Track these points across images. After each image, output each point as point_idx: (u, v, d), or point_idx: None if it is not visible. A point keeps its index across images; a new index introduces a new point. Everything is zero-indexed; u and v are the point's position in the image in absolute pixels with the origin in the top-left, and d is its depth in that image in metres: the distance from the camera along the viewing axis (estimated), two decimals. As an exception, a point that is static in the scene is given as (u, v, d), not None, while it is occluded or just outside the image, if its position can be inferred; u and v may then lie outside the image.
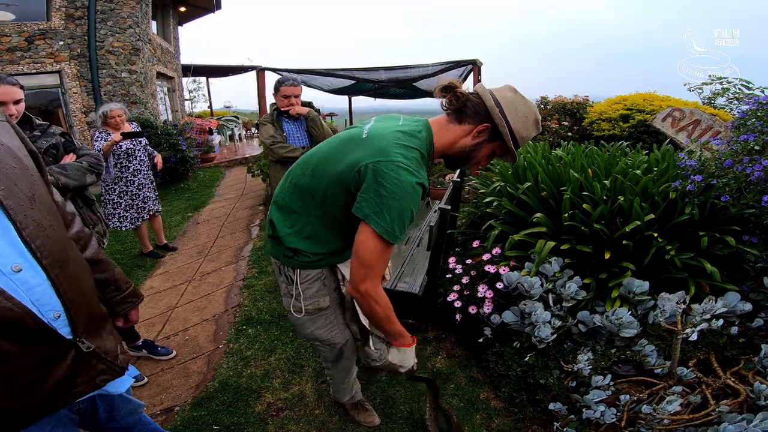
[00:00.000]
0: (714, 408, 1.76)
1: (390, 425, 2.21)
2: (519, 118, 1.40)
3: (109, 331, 1.19)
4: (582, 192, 2.65)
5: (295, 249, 1.58)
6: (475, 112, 1.42)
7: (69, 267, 1.02)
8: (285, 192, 1.60)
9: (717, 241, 2.36)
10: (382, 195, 1.27)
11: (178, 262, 4.49)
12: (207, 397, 2.41)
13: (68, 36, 7.62)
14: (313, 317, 1.75)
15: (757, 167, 2.18)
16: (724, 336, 2.15)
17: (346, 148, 1.41)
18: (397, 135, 1.36)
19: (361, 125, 1.51)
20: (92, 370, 1.07)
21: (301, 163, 1.58)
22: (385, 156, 1.28)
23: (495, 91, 1.43)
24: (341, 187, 1.38)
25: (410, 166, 1.30)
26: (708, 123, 4.59)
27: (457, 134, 1.46)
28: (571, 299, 2.28)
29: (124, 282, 1.41)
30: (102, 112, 3.85)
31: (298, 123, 3.39)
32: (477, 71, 6.27)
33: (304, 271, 1.64)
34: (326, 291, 1.72)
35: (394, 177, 1.26)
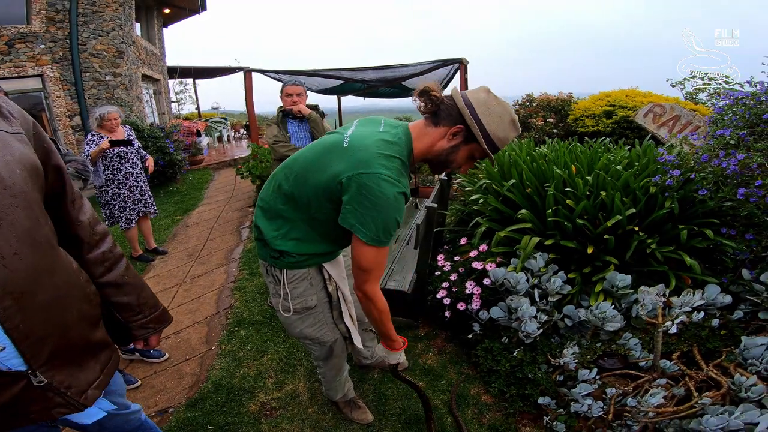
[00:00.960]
0: (697, 400, 1.81)
1: (383, 422, 2.24)
2: (492, 118, 1.41)
3: (97, 362, 1.14)
4: (565, 188, 2.71)
5: (281, 251, 1.62)
6: (448, 113, 1.44)
7: (36, 297, 0.94)
8: (270, 196, 1.62)
9: (696, 234, 2.43)
10: (365, 206, 1.32)
11: (168, 265, 4.48)
12: (201, 398, 2.42)
13: (49, 39, 7.53)
14: (301, 316, 1.78)
15: (732, 161, 2.24)
16: (706, 328, 2.22)
17: (327, 157, 1.43)
18: (379, 144, 1.39)
19: (342, 131, 1.54)
20: (48, 401, 1.02)
21: (284, 166, 1.61)
22: (367, 168, 1.32)
23: (468, 93, 1.45)
24: (325, 195, 1.42)
25: (392, 177, 1.33)
26: (688, 118, 4.69)
27: (434, 137, 1.48)
28: (556, 294, 2.34)
29: (150, 307, 1.34)
30: (98, 114, 3.86)
31: (302, 124, 3.47)
32: (464, 69, 6.34)
33: (291, 271, 1.68)
34: (313, 290, 1.75)
35: (376, 189, 1.30)
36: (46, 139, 1.08)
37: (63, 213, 1.13)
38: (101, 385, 1.14)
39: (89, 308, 1.11)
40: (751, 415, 1.59)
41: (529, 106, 6.91)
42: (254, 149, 6.84)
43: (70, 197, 1.13)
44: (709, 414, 1.65)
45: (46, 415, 1.04)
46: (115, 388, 1.35)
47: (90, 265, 1.18)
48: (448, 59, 6.47)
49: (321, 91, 9.81)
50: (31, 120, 1.06)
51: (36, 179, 0.98)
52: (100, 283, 1.21)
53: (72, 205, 1.14)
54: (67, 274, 1.05)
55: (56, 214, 1.11)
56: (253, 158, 6.64)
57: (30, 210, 0.93)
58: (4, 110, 0.98)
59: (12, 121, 0.99)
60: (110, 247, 1.25)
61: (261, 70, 6.99)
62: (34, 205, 0.96)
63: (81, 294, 1.09)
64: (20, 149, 0.95)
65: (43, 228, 0.98)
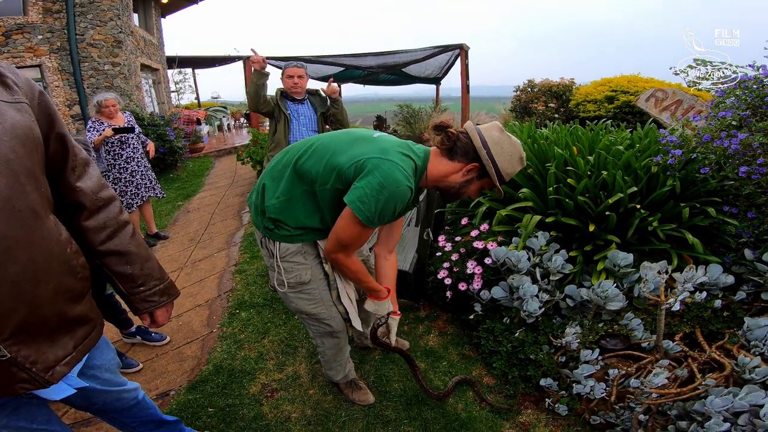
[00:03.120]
0: (701, 382, 1.80)
1: (384, 403, 2.24)
2: (505, 157, 1.52)
3: (71, 338, 1.11)
4: (566, 167, 2.69)
5: (276, 220, 1.64)
6: (464, 151, 1.54)
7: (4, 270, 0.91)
8: (279, 167, 1.65)
9: (698, 213, 2.42)
10: (373, 186, 1.39)
11: (169, 250, 4.49)
12: (202, 381, 2.43)
13: (47, 30, 7.50)
14: (296, 291, 1.80)
15: (734, 141, 2.23)
16: (708, 309, 2.21)
17: (354, 144, 1.52)
18: (403, 145, 1.53)
19: (372, 131, 1.64)
20: (10, 376, 1.00)
21: (303, 144, 1.64)
22: (385, 155, 1.42)
23: (483, 131, 1.54)
24: (336, 174, 1.48)
25: (405, 170, 1.43)
26: (690, 102, 4.67)
27: (448, 170, 1.58)
28: (558, 273, 2.33)
29: (153, 278, 1.31)
30: (96, 101, 3.90)
31: (304, 105, 3.46)
32: (464, 55, 6.29)
33: (284, 244, 1.70)
34: (307, 265, 1.76)
35: (388, 173, 1.39)
36: (51, 108, 1.06)
37: (62, 180, 1.12)
38: (71, 362, 1.10)
39: (72, 282, 1.08)
40: (756, 396, 1.58)
41: (531, 92, 6.88)
42: (255, 134, 6.82)
43: (71, 164, 1.12)
44: (714, 395, 1.64)
45: (9, 389, 1.01)
46: (101, 363, 1.33)
47: (90, 232, 1.17)
48: (448, 45, 6.42)
49: (321, 78, 9.76)
50: (37, 89, 1.05)
51: (30, 147, 0.96)
52: (101, 251, 1.19)
53: (72, 172, 1.12)
54: (49, 245, 1.01)
55: (56, 182, 1.10)
56: (253, 144, 6.62)
57: (13, 178, 0.91)
58: (9, 81, 0.97)
59: (14, 90, 0.97)
60: (115, 213, 1.22)
61: (261, 57, 6.94)
62: (21, 174, 0.93)
63: (63, 267, 1.05)
64: (14, 118, 0.94)
65: (28, 196, 0.95)
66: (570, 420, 2.09)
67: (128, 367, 2.53)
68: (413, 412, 2.18)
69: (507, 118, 7.66)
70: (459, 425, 2.10)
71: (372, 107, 15.63)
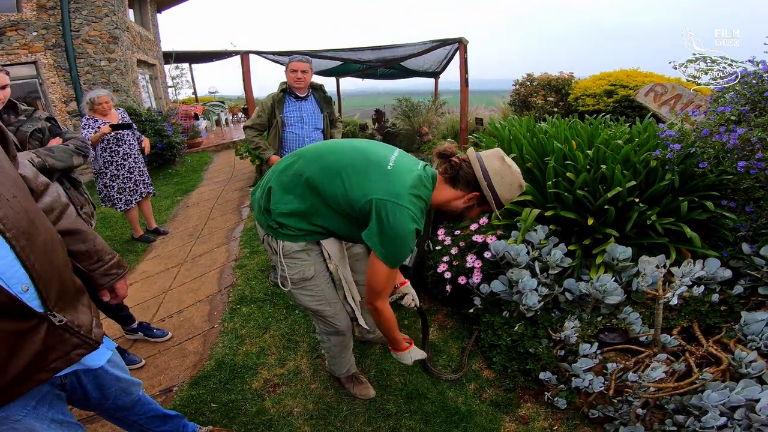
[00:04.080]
0: (698, 376, 1.82)
1: (385, 397, 2.26)
2: (504, 186, 1.57)
3: (85, 304, 1.19)
4: (565, 161, 2.70)
5: (281, 223, 1.67)
6: (466, 180, 1.59)
7: (37, 239, 1.00)
8: (290, 175, 1.66)
9: (697, 207, 2.43)
10: (385, 231, 1.48)
11: (169, 245, 4.50)
12: (204, 376, 2.45)
13: (41, 26, 7.45)
14: (298, 287, 1.82)
15: (733, 136, 2.24)
16: (706, 304, 2.23)
17: (368, 169, 1.54)
18: (415, 181, 1.55)
19: (388, 152, 1.65)
20: (66, 344, 1.06)
21: (314, 154, 1.66)
22: (398, 199, 1.47)
23: (485, 160, 1.58)
24: (349, 205, 1.55)
25: (415, 215, 1.51)
26: (689, 97, 4.66)
27: (451, 196, 1.64)
28: (556, 266, 2.34)
29: (107, 253, 1.37)
30: (89, 99, 3.85)
31: (301, 103, 3.37)
32: (463, 49, 6.28)
33: (288, 243, 1.71)
34: (311, 261, 1.78)
35: (400, 219, 1.47)
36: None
37: None
38: (99, 324, 1.20)
39: (65, 253, 1.15)
40: (752, 390, 1.60)
41: (530, 86, 6.87)
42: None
43: (12, 152, 1.15)
44: (710, 390, 1.66)
45: (67, 360, 1.07)
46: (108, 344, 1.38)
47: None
48: (447, 39, 6.39)
49: (319, 72, 9.73)
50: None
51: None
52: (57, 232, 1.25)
53: (14, 160, 1.16)
54: (45, 220, 1.09)
55: None
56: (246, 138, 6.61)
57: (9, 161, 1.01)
58: None
59: None
60: (57, 195, 1.27)
61: (258, 52, 6.90)
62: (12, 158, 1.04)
63: (59, 240, 1.13)
64: None
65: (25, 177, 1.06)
66: (569, 413, 2.11)
67: (131, 363, 2.54)
68: (414, 406, 2.20)
69: (506, 112, 7.65)
70: (459, 418, 2.12)
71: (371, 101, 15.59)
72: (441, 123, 8.70)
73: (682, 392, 1.80)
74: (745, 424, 1.58)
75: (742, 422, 1.58)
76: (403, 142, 9.15)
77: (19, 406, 1.08)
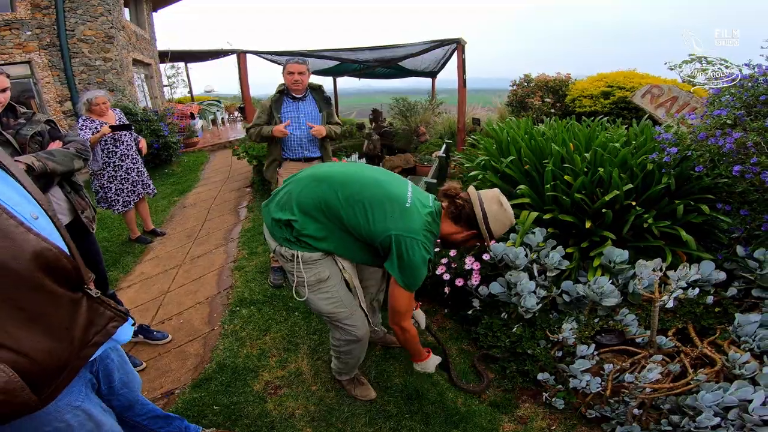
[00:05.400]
0: (692, 377, 1.85)
1: (386, 398, 2.28)
2: (498, 225, 1.81)
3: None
4: (563, 164, 2.72)
5: (300, 239, 1.80)
6: (468, 219, 1.82)
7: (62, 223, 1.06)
8: (310, 203, 1.78)
9: (692, 210, 2.46)
10: (403, 261, 1.70)
11: (167, 246, 4.49)
12: (206, 379, 2.45)
13: (36, 26, 7.38)
14: (315, 290, 1.88)
15: (729, 140, 2.27)
16: (701, 305, 2.26)
17: (389, 204, 1.73)
18: (428, 218, 1.78)
19: (404, 187, 1.85)
20: (103, 318, 1.11)
21: (338, 179, 1.79)
22: (415, 234, 1.70)
23: (485, 203, 1.80)
24: (370, 238, 1.75)
25: (428, 247, 1.75)
26: (685, 99, 4.70)
27: (453, 231, 1.88)
28: (554, 269, 2.37)
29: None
30: (86, 99, 3.81)
31: (299, 104, 3.35)
32: (461, 50, 6.28)
33: (306, 253, 1.82)
34: (326, 265, 1.87)
35: (417, 252, 1.70)
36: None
37: None
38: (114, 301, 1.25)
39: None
40: (745, 391, 1.63)
41: (527, 86, 6.90)
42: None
43: None
44: (705, 390, 1.70)
45: (106, 333, 1.12)
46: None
47: None
48: (445, 39, 6.39)
49: (316, 72, 9.71)
50: None
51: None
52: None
53: None
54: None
55: None
56: (250, 139, 6.60)
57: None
58: None
59: None
60: None
61: (255, 52, 6.90)
62: None
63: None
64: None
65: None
66: (567, 414, 2.14)
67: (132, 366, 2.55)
68: (414, 407, 2.23)
69: (503, 112, 7.68)
70: (459, 419, 2.14)
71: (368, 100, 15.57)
72: (438, 123, 8.71)
73: (678, 393, 1.83)
74: (738, 425, 1.61)
75: (735, 422, 1.62)
76: (400, 141, 9.15)
77: (76, 392, 1.13)
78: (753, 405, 1.57)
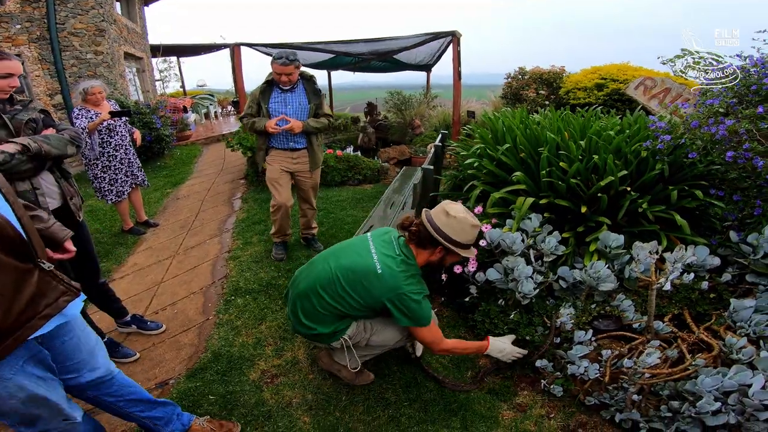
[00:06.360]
0: (690, 362, 1.85)
1: (384, 386, 2.28)
2: (458, 232, 1.88)
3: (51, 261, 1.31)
4: (558, 152, 2.73)
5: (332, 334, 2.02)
6: (428, 240, 1.92)
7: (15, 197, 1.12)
8: (311, 304, 1.99)
9: (686, 195, 2.48)
10: (406, 312, 1.87)
11: (160, 237, 4.45)
12: (201, 368, 2.44)
13: (25, 19, 7.29)
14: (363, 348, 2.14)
15: (721, 127, 2.29)
16: (696, 291, 2.27)
17: (367, 281, 1.88)
18: (402, 267, 1.89)
19: (364, 252, 1.96)
20: (55, 291, 1.15)
21: (317, 283, 1.97)
22: (399, 290, 1.84)
23: (434, 218, 1.91)
24: (366, 307, 1.94)
25: (417, 289, 1.89)
26: (678, 91, 4.73)
27: (425, 256, 1.98)
28: (551, 254, 2.37)
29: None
30: (82, 89, 3.81)
31: (287, 95, 3.29)
32: (456, 42, 6.26)
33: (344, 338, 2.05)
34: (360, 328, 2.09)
35: (408, 301, 1.85)
36: None
37: None
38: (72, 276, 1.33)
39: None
40: (743, 376, 1.62)
41: (522, 79, 6.91)
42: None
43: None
44: (704, 375, 1.69)
45: (56, 306, 1.16)
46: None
47: None
48: (440, 32, 6.37)
49: (310, 65, 9.64)
50: None
51: None
52: None
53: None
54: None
55: None
56: (243, 131, 6.56)
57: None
58: None
59: None
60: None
61: (249, 44, 6.83)
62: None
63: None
64: None
65: None
66: (565, 401, 2.15)
67: (125, 357, 2.52)
68: (413, 394, 2.23)
69: (497, 105, 7.68)
70: (458, 407, 2.15)
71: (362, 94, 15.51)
72: (432, 116, 8.71)
73: (676, 378, 1.83)
74: (739, 409, 1.61)
75: (735, 407, 1.61)
76: (395, 134, 9.14)
77: (8, 366, 1.16)
78: (753, 389, 1.56)
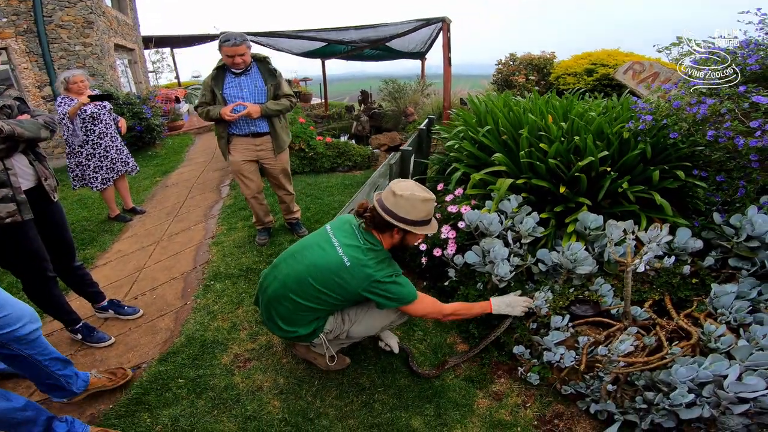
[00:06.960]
0: (668, 351, 1.81)
1: (359, 371, 2.26)
2: (407, 211, 1.83)
3: None
4: (539, 133, 2.68)
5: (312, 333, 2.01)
6: (383, 224, 1.88)
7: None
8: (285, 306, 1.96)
9: (668, 176, 2.43)
10: (387, 297, 1.88)
11: (146, 224, 4.41)
12: (173, 352, 2.41)
13: (12, 12, 7.24)
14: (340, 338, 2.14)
15: (703, 107, 2.24)
16: (677, 276, 2.21)
17: (338, 276, 1.85)
18: (370, 255, 1.86)
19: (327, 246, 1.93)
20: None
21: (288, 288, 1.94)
22: (374, 277, 1.83)
23: (384, 200, 1.87)
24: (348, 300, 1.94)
25: (389, 271, 1.88)
26: (667, 75, 4.68)
27: (387, 240, 1.94)
28: (529, 236, 2.32)
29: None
30: (64, 78, 3.81)
31: (241, 79, 3.15)
32: (446, 28, 6.19)
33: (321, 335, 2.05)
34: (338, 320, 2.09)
35: (385, 284, 1.85)
36: None
37: None
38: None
39: None
40: (719, 366, 1.56)
41: (512, 65, 6.85)
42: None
43: None
44: (679, 365, 1.63)
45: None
46: None
47: None
48: (431, 18, 6.30)
49: (303, 54, 9.56)
50: None
51: None
52: None
53: None
54: None
55: None
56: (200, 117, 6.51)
57: None
58: None
59: None
60: None
61: (242, 34, 6.75)
62: None
63: None
64: None
65: None
66: (542, 390, 2.11)
67: (100, 341, 2.50)
68: (388, 380, 2.20)
69: (489, 91, 7.62)
70: (432, 393, 2.12)
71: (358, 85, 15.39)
72: (426, 104, 8.65)
73: (653, 367, 1.78)
74: (714, 402, 1.55)
75: (710, 400, 1.55)
76: (389, 122, 9.09)
77: None
78: (728, 381, 1.49)
